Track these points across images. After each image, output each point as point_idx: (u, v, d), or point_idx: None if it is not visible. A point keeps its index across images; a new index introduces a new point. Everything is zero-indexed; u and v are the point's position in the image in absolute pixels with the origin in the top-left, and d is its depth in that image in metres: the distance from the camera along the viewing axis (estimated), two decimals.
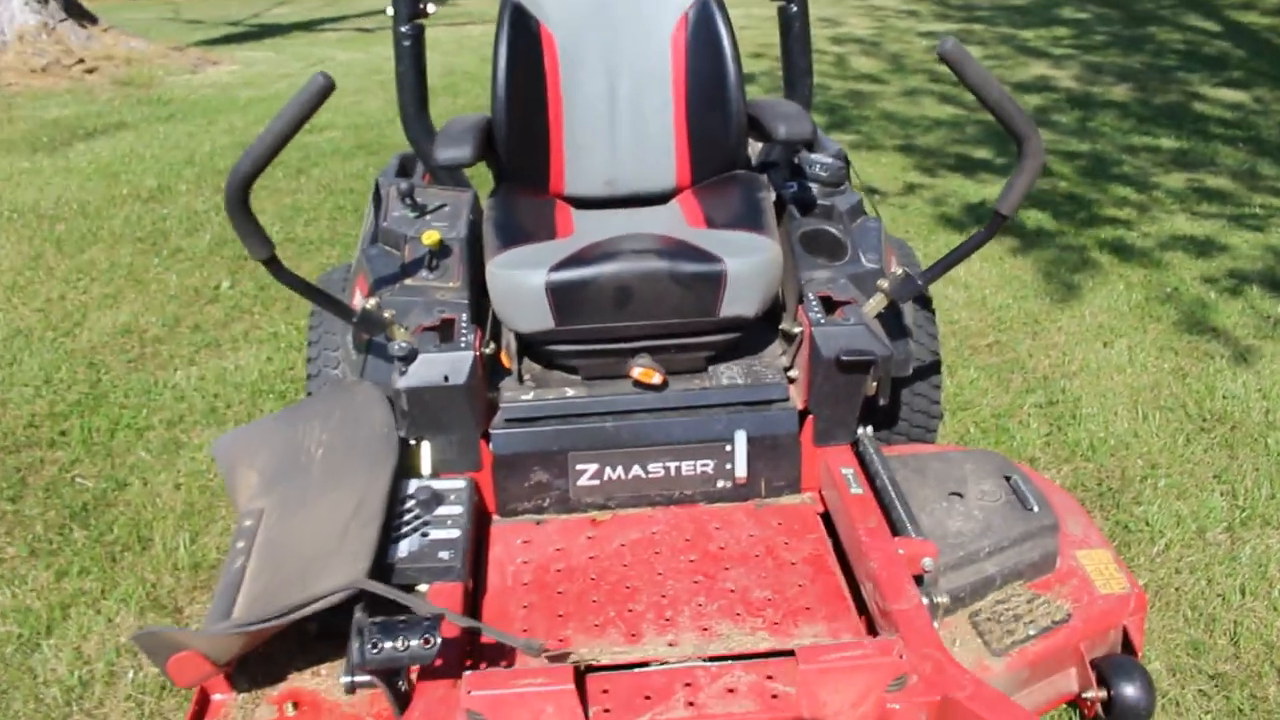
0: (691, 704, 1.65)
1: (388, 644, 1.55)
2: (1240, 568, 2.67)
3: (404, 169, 2.93)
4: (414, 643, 1.55)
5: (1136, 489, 2.99)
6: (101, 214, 5.45)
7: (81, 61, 8.58)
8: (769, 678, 1.71)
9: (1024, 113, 2.06)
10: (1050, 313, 4.09)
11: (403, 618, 1.63)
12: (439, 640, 1.56)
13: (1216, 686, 2.32)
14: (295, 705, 2.02)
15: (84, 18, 9.21)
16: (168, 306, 4.33)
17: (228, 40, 11.54)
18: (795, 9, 2.77)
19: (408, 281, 2.32)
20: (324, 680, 2.09)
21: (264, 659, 2.12)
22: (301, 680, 2.09)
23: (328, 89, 1.89)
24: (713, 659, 1.80)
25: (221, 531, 2.93)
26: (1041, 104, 7.70)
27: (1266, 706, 2.26)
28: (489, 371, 2.29)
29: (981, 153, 6.44)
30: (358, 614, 1.71)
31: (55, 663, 2.49)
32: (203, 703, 2.06)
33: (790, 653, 1.68)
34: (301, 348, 3.92)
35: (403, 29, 2.60)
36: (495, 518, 2.26)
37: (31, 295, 4.48)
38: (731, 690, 1.69)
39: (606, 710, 1.64)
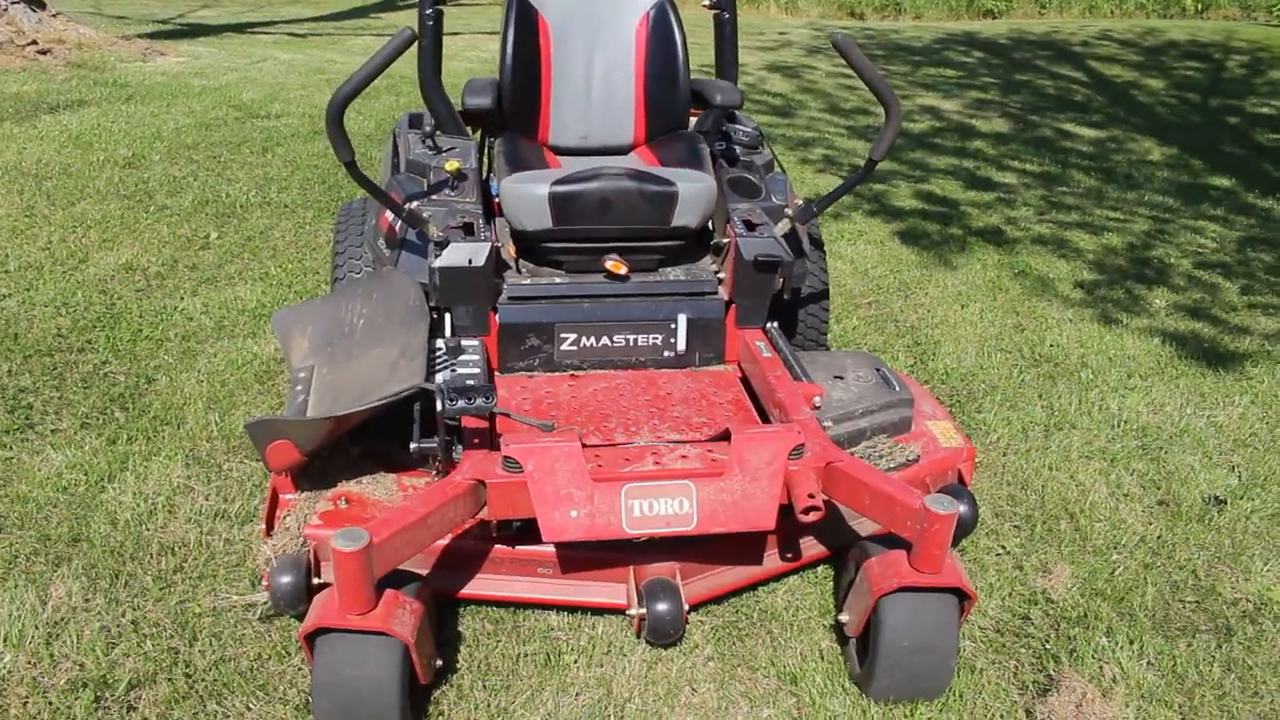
0: (657, 463, 2.37)
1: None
2: (1050, 454, 3.51)
3: (412, 123, 3.60)
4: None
5: (979, 402, 3.83)
6: (83, 175, 5.94)
7: (34, 43, 8.95)
8: (710, 451, 2.45)
9: (889, 87, 2.86)
10: (920, 282, 4.97)
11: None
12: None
13: (1026, 522, 3.14)
14: (346, 501, 2.68)
15: (34, 3, 9.56)
16: (164, 250, 4.89)
17: (157, 36, 11.85)
18: (727, 16, 3.56)
19: (434, 197, 3.01)
20: (365, 486, 2.73)
21: (319, 472, 2.75)
22: (348, 486, 2.73)
23: (412, 39, 2.57)
24: (670, 443, 2.53)
25: (245, 414, 3.54)
26: (928, 128, 8.72)
27: (1056, 533, 3.09)
28: (497, 263, 2.98)
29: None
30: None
31: (122, 498, 3.07)
32: (274, 500, 2.70)
33: (726, 437, 2.41)
34: (291, 286, 4.54)
35: (427, 11, 3.29)
36: (497, 373, 2.95)
37: (32, 238, 4.98)
38: (684, 457, 2.41)
39: (599, 465, 2.35)
